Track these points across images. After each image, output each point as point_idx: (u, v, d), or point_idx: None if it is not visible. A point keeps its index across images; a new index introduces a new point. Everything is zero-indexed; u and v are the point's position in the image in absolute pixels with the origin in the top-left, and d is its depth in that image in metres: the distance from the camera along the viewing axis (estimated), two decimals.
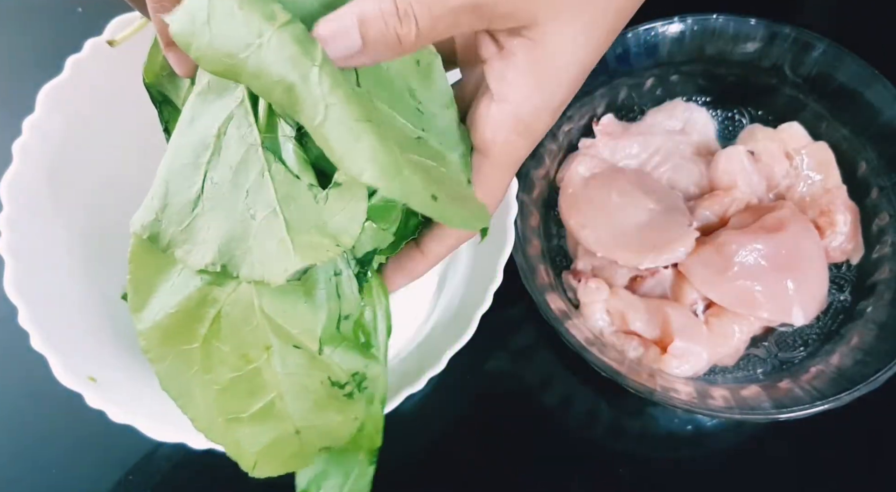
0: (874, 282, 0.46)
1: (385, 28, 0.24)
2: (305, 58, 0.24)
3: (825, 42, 0.48)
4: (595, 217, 0.47)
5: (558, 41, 0.25)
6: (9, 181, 0.39)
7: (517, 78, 0.26)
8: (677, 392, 0.41)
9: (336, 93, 0.24)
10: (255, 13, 0.24)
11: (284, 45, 0.24)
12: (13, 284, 0.37)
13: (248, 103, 0.28)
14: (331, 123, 0.24)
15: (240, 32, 0.24)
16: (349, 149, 0.24)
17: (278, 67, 0.24)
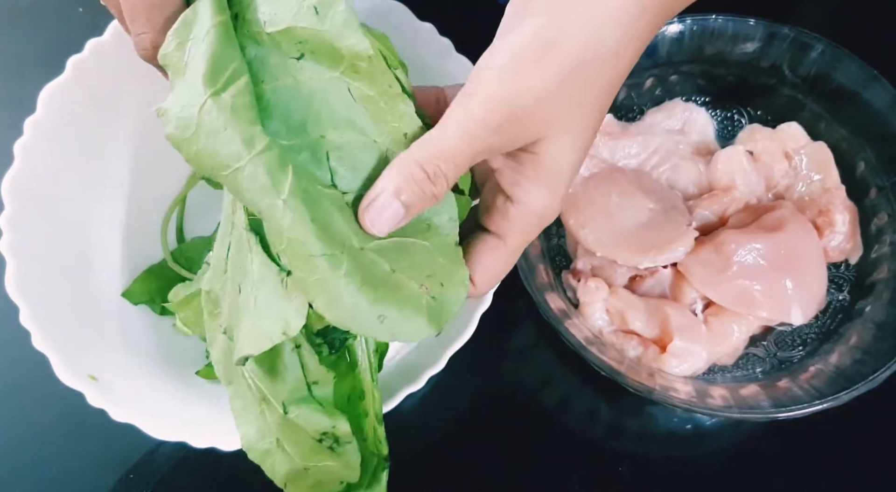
0: (873, 281, 0.46)
1: (422, 193, 0.27)
2: (273, 191, 0.26)
3: (824, 42, 0.48)
4: (594, 217, 0.47)
5: (556, 150, 0.29)
6: (10, 181, 0.39)
7: (528, 184, 0.29)
8: (676, 391, 0.41)
9: (296, 229, 0.26)
10: (237, 136, 0.27)
11: (257, 175, 0.26)
12: (14, 284, 0.37)
13: None
14: (290, 254, 0.27)
15: (221, 152, 0.27)
16: (303, 279, 0.27)
17: (251, 194, 0.27)
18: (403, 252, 0.29)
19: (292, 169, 0.27)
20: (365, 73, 0.28)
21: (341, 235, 0.28)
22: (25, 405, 0.48)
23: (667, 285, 0.47)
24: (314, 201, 0.27)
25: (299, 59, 0.29)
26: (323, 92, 0.29)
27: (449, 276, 0.29)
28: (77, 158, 0.43)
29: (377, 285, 0.28)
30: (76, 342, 0.38)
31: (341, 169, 0.28)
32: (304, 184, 0.27)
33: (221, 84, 0.27)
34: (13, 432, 0.47)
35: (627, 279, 0.47)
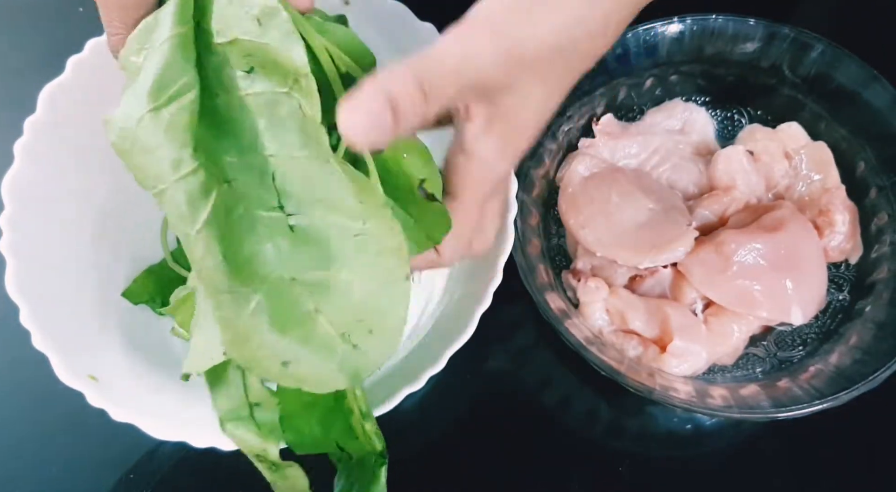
0: (873, 281, 0.46)
1: (413, 109, 0.25)
2: (189, 220, 0.26)
3: (824, 42, 0.48)
4: (594, 217, 0.47)
5: (522, 105, 0.29)
6: (10, 181, 0.39)
7: (488, 138, 0.29)
8: (676, 391, 0.41)
9: (206, 261, 0.26)
10: (166, 156, 0.27)
11: (177, 201, 0.27)
12: (14, 284, 0.37)
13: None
14: (202, 284, 0.27)
15: (152, 170, 0.27)
16: (207, 315, 0.27)
17: (171, 218, 0.27)
18: (340, 291, 0.27)
19: (217, 196, 0.27)
20: (307, 91, 0.27)
21: (267, 267, 0.27)
22: (25, 405, 0.48)
23: (667, 285, 0.47)
24: (240, 231, 0.27)
25: (249, 72, 0.28)
26: (272, 107, 0.28)
27: (381, 322, 0.27)
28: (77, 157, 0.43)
29: (289, 327, 0.27)
30: (76, 342, 0.38)
31: (288, 188, 0.27)
32: (238, 211, 0.27)
33: (164, 99, 0.27)
34: (13, 432, 0.47)
35: (627, 279, 0.47)
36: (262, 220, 0.27)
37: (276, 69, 0.28)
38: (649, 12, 0.48)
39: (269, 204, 0.28)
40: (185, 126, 0.27)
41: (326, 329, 0.27)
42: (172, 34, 0.28)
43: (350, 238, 0.27)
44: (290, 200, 0.28)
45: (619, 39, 0.48)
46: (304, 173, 0.28)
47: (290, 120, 0.28)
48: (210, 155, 0.27)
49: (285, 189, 0.28)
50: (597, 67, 0.48)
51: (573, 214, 0.48)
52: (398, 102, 0.25)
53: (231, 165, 0.28)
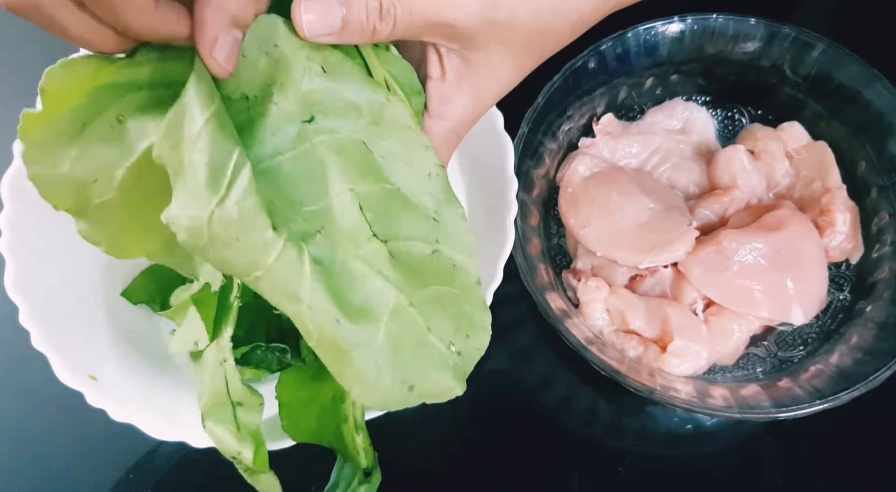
0: (874, 281, 0.46)
1: (366, 20, 0.27)
2: (295, 299, 0.26)
3: (825, 42, 0.48)
4: (595, 216, 0.47)
5: (488, 65, 0.30)
6: (9, 181, 0.39)
7: (457, 99, 0.31)
8: (677, 391, 0.41)
9: (324, 330, 0.26)
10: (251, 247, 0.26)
11: (278, 285, 0.26)
12: (14, 284, 0.37)
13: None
14: (323, 351, 0.27)
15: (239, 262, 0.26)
16: (340, 372, 0.27)
17: (276, 300, 0.27)
18: (438, 304, 0.29)
19: (310, 262, 0.27)
20: (382, 121, 0.29)
21: (382, 303, 0.28)
22: (25, 405, 0.48)
23: (667, 285, 0.47)
24: (347, 278, 0.27)
25: (310, 122, 0.28)
26: (341, 148, 0.28)
27: (473, 324, 0.30)
28: None
29: (409, 356, 0.28)
30: (76, 342, 0.38)
31: (373, 218, 0.28)
32: (338, 258, 0.27)
33: (224, 189, 0.26)
34: (13, 432, 0.47)
35: (628, 279, 0.47)
36: (363, 257, 0.28)
37: (342, 111, 0.29)
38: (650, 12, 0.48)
39: (363, 238, 0.28)
40: (256, 210, 0.26)
41: (438, 345, 0.29)
42: (206, 118, 0.26)
43: (429, 254, 0.29)
44: (378, 227, 0.29)
45: (619, 39, 0.48)
46: (384, 201, 0.29)
47: (359, 156, 0.29)
48: (287, 217, 0.27)
49: (371, 217, 0.28)
50: (597, 67, 0.49)
51: (573, 213, 0.48)
52: (352, 9, 0.26)
53: (313, 215, 0.28)
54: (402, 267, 0.29)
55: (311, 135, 0.28)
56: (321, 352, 0.27)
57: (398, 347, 0.28)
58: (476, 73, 0.30)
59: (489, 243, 0.41)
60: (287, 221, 0.27)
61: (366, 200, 0.28)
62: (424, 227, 0.29)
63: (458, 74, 0.30)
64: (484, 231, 0.43)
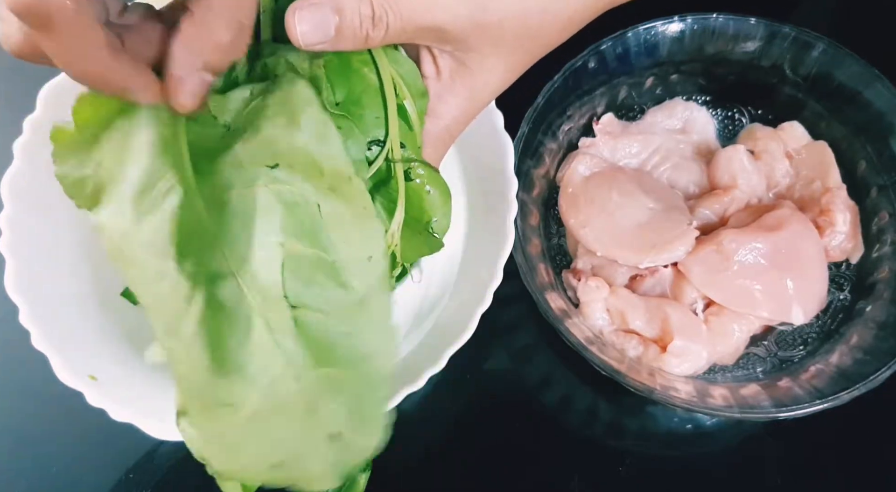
0: (874, 281, 0.46)
1: (359, 27, 0.27)
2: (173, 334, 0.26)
3: (825, 41, 0.48)
4: (595, 216, 0.47)
5: (484, 67, 0.31)
6: (9, 180, 0.39)
7: (451, 98, 0.31)
8: (677, 391, 0.41)
9: (192, 375, 0.25)
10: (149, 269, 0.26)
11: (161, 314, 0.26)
12: (14, 283, 0.37)
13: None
14: (187, 394, 0.26)
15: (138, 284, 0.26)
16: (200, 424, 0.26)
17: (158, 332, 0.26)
18: (335, 387, 0.27)
19: (203, 304, 0.25)
20: (341, 191, 0.28)
21: (265, 365, 0.26)
22: (25, 405, 0.48)
23: (667, 285, 0.47)
24: (232, 335, 0.26)
25: (273, 168, 0.27)
26: (292, 202, 0.27)
27: (366, 420, 0.27)
28: None
29: (282, 432, 0.26)
30: (76, 342, 0.38)
31: (292, 281, 0.27)
32: (229, 310, 0.26)
33: (147, 208, 0.26)
34: (13, 432, 0.47)
35: (628, 279, 0.47)
36: (265, 316, 0.27)
37: (305, 168, 0.28)
38: (650, 11, 0.48)
39: (273, 296, 0.27)
40: (168, 236, 0.26)
41: (319, 429, 0.27)
42: (152, 136, 0.26)
43: (341, 335, 0.27)
44: (291, 293, 0.27)
45: (619, 39, 0.48)
46: (310, 269, 0.27)
47: (305, 216, 0.27)
48: (207, 252, 0.26)
49: (289, 281, 0.27)
50: (597, 67, 0.49)
51: (573, 213, 0.48)
52: (345, 17, 0.27)
53: (232, 257, 0.27)
54: (305, 339, 0.27)
55: (267, 180, 0.27)
56: (186, 398, 0.26)
57: (270, 420, 0.26)
58: (470, 73, 0.31)
59: (489, 243, 0.41)
60: (203, 256, 0.26)
61: (292, 260, 0.27)
62: (346, 307, 0.28)
63: (451, 74, 0.31)
64: (484, 231, 0.43)
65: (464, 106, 0.32)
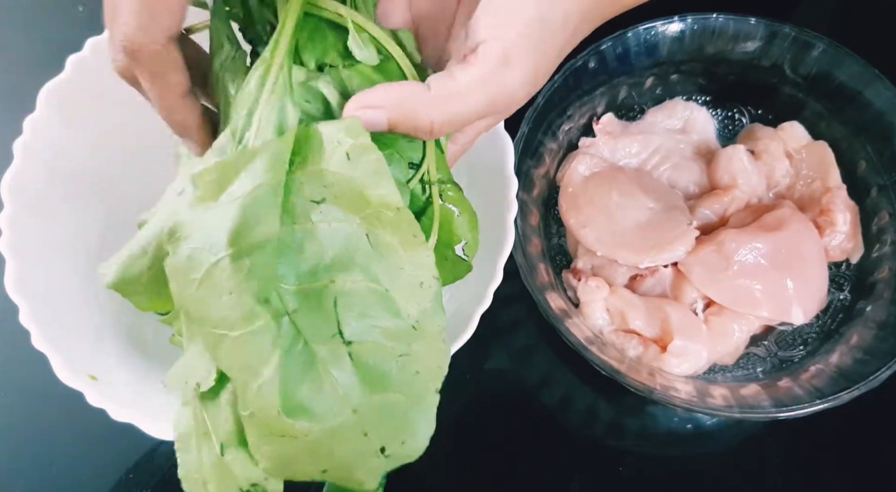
0: (874, 281, 0.46)
1: (412, 129, 0.29)
2: (252, 374, 0.26)
3: (825, 41, 0.48)
4: (595, 216, 0.47)
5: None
6: (10, 180, 0.39)
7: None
8: (677, 391, 0.41)
9: (265, 413, 0.26)
10: (236, 306, 0.26)
11: (243, 354, 0.27)
12: (14, 283, 0.37)
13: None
14: (254, 424, 0.27)
15: (215, 313, 0.27)
16: (259, 446, 0.27)
17: (229, 363, 0.27)
18: (386, 410, 0.28)
19: (282, 346, 0.27)
20: (389, 221, 0.28)
21: (326, 402, 0.27)
22: (25, 405, 0.48)
23: (667, 285, 0.47)
24: (299, 374, 0.27)
25: (319, 203, 0.28)
26: (339, 237, 0.28)
27: (413, 434, 0.29)
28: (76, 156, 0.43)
29: (334, 451, 0.27)
30: (76, 342, 0.38)
31: (348, 316, 0.28)
32: (298, 347, 0.27)
33: (247, 247, 0.27)
34: (13, 432, 0.47)
35: (628, 279, 0.47)
36: (320, 354, 0.28)
37: (352, 201, 0.28)
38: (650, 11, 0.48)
39: (328, 333, 0.28)
40: (263, 279, 0.27)
41: (369, 448, 0.28)
42: (264, 181, 0.28)
43: (395, 359, 0.28)
44: (348, 328, 0.28)
45: (619, 39, 0.48)
46: (364, 301, 0.28)
47: (354, 249, 0.28)
48: (269, 291, 0.27)
49: (345, 316, 0.28)
50: (597, 67, 0.49)
51: (574, 213, 0.48)
52: (397, 122, 0.28)
53: (289, 295, 0.28)
54: (361, 370, 0.28)
55: (314, 214, 0.28)
56: (248, 423, 0.27)
57: (326, 445, 0.27)
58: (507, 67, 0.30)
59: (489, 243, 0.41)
60: (268, 295, 0.27)
61: (344, 296, 0.28)
62: (401, 333, 0.29)
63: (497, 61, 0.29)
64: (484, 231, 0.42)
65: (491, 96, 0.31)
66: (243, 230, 0.27)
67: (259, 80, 0.31)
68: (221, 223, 0.27)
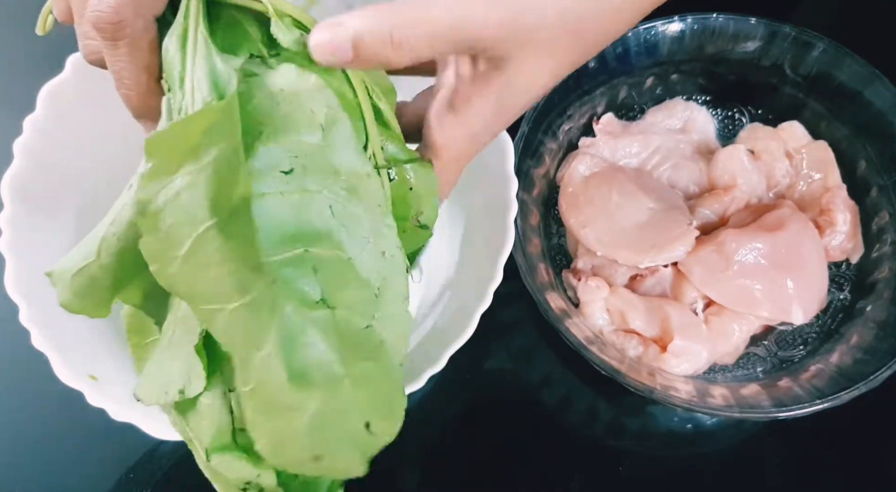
0: (874, 281, 0.46)
1: (378, 52, 0.26)
2: (252, 345, 0.26)
3: (825, 41, 0.48)
4: (595, 216, 0.47)
5: (521, 72, 0.28)
6: (10, 180, 0.39)
7: (481, 104, 0.29)
8: (677, 391, 0.41)
9: (269, 384, 0.26)
10: (229, 277, 0.26)
11: (240, 325, 0.26)
12: (14, 283, 0.37)
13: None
14: (254, 397, 0.26)
15: (205, 289, 0.26)
16: (255, 420, 0.27)
17: (227, 338, 0.26)
18: (366, 380, 0.28)
19: (278, 316, 0.26)
20: (356, 191, 0.28)
21: (322, 367, 0.27)
22: (25, 405, 0.48)
23: (667, 285, 0.47)
24: (297, 341, 0.27)
25: (288, 173, 0.28)
26: (307, 206, 0.28)
27: (390, 408, 0.28)
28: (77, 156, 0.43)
29: (328, 428, 0.27)
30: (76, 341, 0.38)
31: (327, 284, 0.28)
32: (287, 312, 0.27)
33: (228, 213, 0.26)
34: (13, 432, 0.47)
35: (628, 278, 0.47)
36: (309, 320, 0.27)
37: (321, 170, 0.28)
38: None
39: (313, 298, 0.27)
40: (249, 241, 0.26)
41: (357, 422, 0.28)
42: (226, 144, 0.27)
43: (362, 328, 0.28)
44: (329, 295, 0.28)
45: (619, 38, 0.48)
46: (335, 269, 0.28)
47: (320, 218, 0.28)
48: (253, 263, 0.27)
49: (324, 284, 0.28)
50: (597, 66, 0.49)
51: (574, 213, 0.48)
52: (363, 41, 0.26)
53: (271, 266, 0.27)
54: (342, 337, 0.28)
55: (283, 187, 0.28)
56: (249, 398, 0.26)
57: (323, 418, 0.27)
58: (504, 77, 0.29)
59: (489, 243, 0.41)
60: (259, 262, 0.27)
61: (320, 262, 0.28)
62: (366, 301, 0.29)
63: (484, 77, 0.29)
64: (484, 231, 0.43)
65: (493, 110, 0.29)
66: (221, 197, 0.26)
67: (178, 43, 0.29)
68: (195, 192, 0.26)
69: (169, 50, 0.30)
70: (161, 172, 0.26)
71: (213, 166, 0.26)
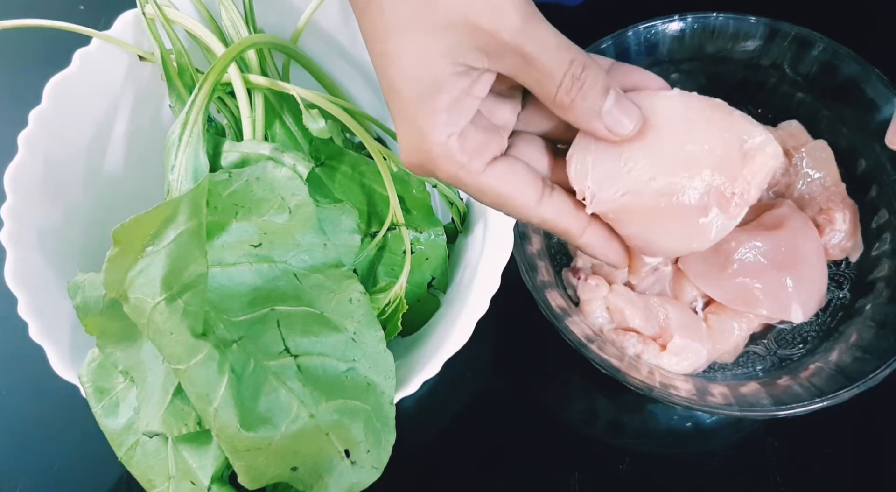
0: (873, 279, 0.46)
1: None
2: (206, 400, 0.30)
3: (825, 40, 0.48)
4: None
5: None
6: (13, 172, 0.39)
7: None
8: (677, 389, 0.41)
9: (226, 431, 0.30)
10: (181, 343, 0.30)
11: (195, 382, 0.30)
12: (13, 274, 0.37)
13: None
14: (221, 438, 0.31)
15: (166, 350, 0.31)
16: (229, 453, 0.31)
17: (189, 393, 0.31)
18: (347, 414, 0.32)
19: (230, 371, 0.30)
20: (315, 259, 0.34)
21: (283, 409, 0.31)
22: (25, 403, 0.48)
23: (667, 283, 0.47)
24: (259, 389, 0.31)
25: (257, 246, 0.33)
26: (273, 275, 0.33)
27: (377, 442, 0.32)
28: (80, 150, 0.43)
29: (303, 452, 0.31)
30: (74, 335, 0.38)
31: (292, 334, 0.32)
32: (249, 369, 0.31)
33: (178, 289, 0.31)
34: (13, 431, 0.47)
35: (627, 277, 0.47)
36: (271, 370, 0.32)
37: (284, 244, 0.34)
38: (650, 10, 0.48)
39: (276, 350, 0.32)
40: (197, 315, 0.30)
41: (335, 447, 0.32)
42: (187, 227, 0.31)
43: (342, 371, 0.33)
44: (293, 343, 0.32)
45: (619, 38, 0.48)
46: (304, 322, 0.33)
47: (287, 284, 0.33)
48: (214, 323, 0.31)
49: (289, 335, 0.32)
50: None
51: None
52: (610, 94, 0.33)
53: (236, 326, 0.32)
54: (311, 380, 0.32)
55: (252, 258, 0.33)
56: (220, 442, 0.30)
57: (291, 447, 0.31)
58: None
59: (489, 243, 0.41)
60: (214, 327, 0.31)
61: (285, 318, 0.32)
62: (342, 346, 0.33)
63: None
64: (484, 231, 0.43)
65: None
66: (173, 275, 0.31)
67: (179, 131, 0.35)
68: (154, 271, 0.31)
69: (172, 136, 0.35)
70: (123, 255, 0.31)
71: (168, 250, 0.31)
